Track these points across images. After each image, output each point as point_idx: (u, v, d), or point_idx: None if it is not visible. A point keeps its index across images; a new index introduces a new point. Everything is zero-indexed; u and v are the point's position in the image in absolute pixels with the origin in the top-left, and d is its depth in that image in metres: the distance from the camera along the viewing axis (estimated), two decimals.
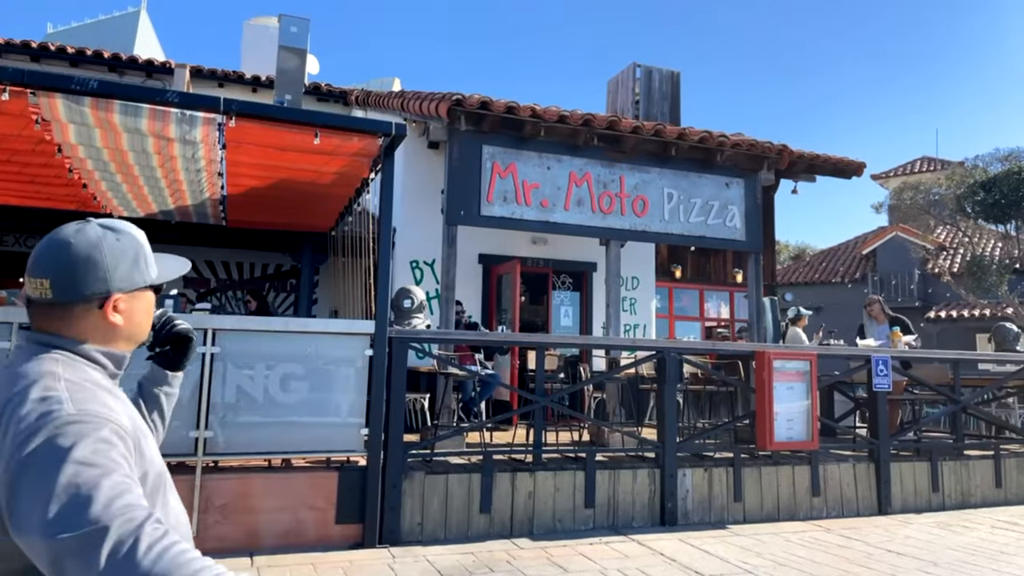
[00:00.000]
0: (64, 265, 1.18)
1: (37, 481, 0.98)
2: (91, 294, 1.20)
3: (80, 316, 1.20)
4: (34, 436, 1.02)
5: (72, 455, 1.00)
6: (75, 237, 1.21)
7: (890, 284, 21.37)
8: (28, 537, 0.97)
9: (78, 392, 1.10)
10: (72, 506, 0.95)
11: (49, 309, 1.19)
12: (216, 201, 6.98)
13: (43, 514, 0.95)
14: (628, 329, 10.46)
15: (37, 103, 4.64)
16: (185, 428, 4.96)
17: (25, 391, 1.09)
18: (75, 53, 10.93)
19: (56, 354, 1.17)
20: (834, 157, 10.47)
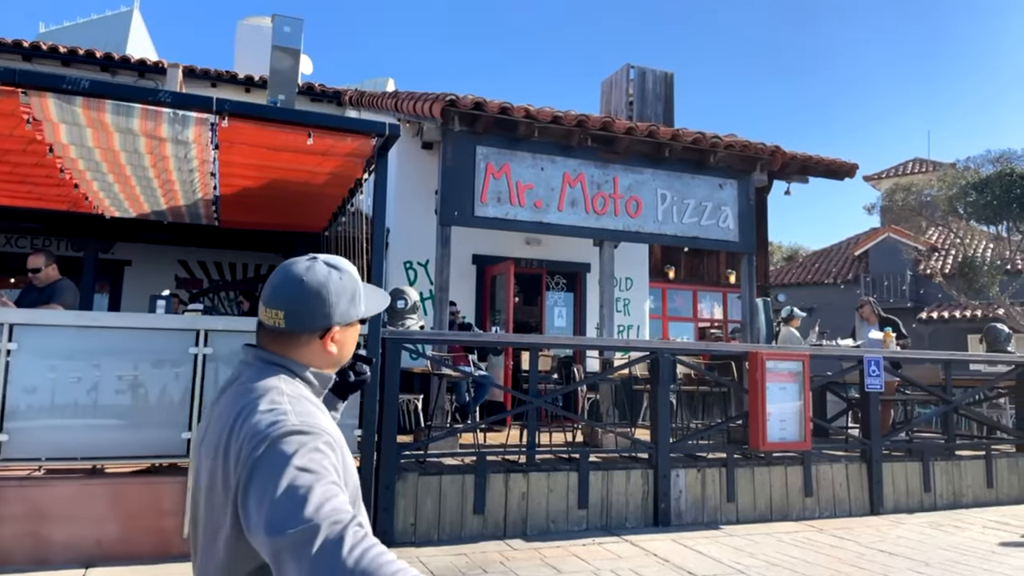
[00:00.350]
0: (296, 300, 1.34)
1: (263, 483, 1.12)
2: (316, 327, 1.36)
3: (304, 343, 1.37)
4: (263, 442, 1.16)
5: (294, 462, 1.13)
6: (306, 275, 1.36)
7: (882, 285, 21.46)
8: (255, 533, 1.10)
9: (299, 406, 1.26)
10: (290, 507, 1.07)
11: (278, 335, 1.37)
12: (209, 201, 6.95)
13: (267, 513, 1.08)
14: (622, 330, 10.47)
15: (28, 103, 4.61)
16: (177, 429, 4.94)
17: (256, 402, 1.25)
18: (67, 53, 10.87)
19: (281, 373, 1.34)
20: (826, 158, 10.51)
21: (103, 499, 4.79)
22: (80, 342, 4.88)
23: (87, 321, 5.00)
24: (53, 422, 4.75)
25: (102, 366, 4.87)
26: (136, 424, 4.91)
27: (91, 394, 4.83)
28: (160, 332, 5.06)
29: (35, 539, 4.62)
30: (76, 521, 4.71)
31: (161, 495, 4.90)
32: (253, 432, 1.18)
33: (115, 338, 4.97)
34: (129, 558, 4.72)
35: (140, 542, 4.80)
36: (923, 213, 17.76)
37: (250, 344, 1.41)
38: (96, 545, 4.72)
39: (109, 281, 10.03)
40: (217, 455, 1.24)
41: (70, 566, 4.57)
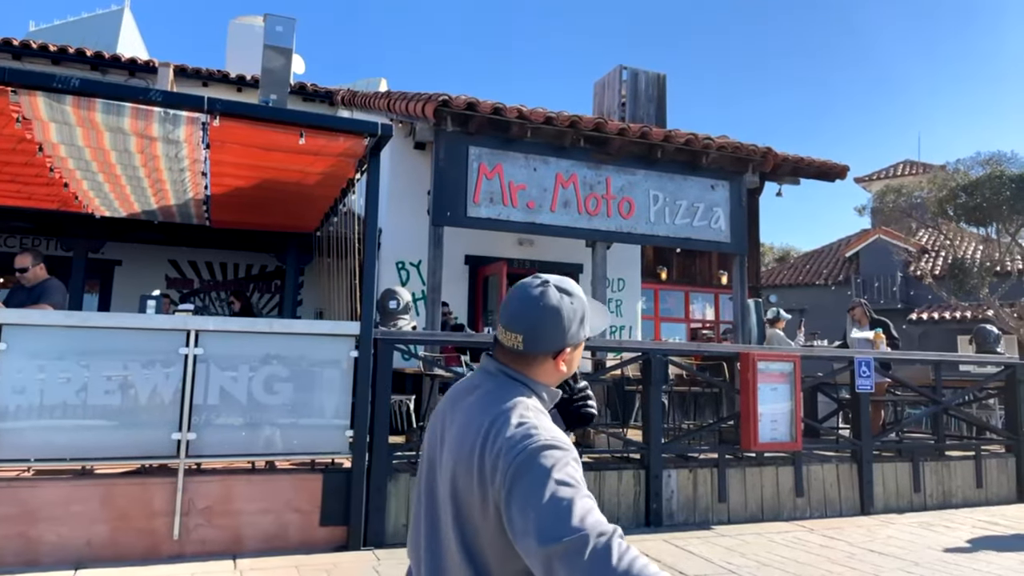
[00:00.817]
0: (534, 326, 1.44)
1: (527, 493, 1.20)
2: (551, 349, 1.45)
3: (538, 363, 1.46)
4: (521, 454, 1.25)
5: (553, 475, 1.22)
6: (542, 301, 1.45)
7: (873, 286, 21.57)
8: (524, 541, 1.19)
9: (543, 421, 1.35)
10: (557, 517, 1.16)
11: (516, 354, 1.46)
12: (200, 201, 6.93)
13: (535, 522, 1.17)
14: (614, 331, 10.49)
15: (18, 101, 4.58)
16: (167, 430, 4.91)
17: (507, 415, 1.35)
18: (57, 51, 10.81)
19: (522, 388, 1.44)
20: (818, 160, 10.55)
21: (93, 500, 4.76)
22: (70, 342, 4.85)
23: (77, 321, 4.97)
24: (42, 423, 4.72)
25: (92, 366, 4.84)
26: (126, 425, 4.88)
27: (81, 394, 4.80)
28: (150, 332, 5.04)
29: (24, 540, 4.59)
30: (66, 522, 4.68)
31: (151, 496, 4.87)
32: (510, 445, 1.27)
33: (105, 338, 4.94)
34: (119, 559, 4.70)
35: (130, 543, 4.77)
36: (913, 215, 17.86)
37: (490, 355, 1.52)
38: (86, 546, 4.69)
39: (99, 281, 9.97)
40: (464, 457, 1.33)
41: (60, 567, 4.54)
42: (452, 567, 1.34)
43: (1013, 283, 16.00)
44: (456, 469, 1.35)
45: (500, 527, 1.26)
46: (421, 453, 1.57)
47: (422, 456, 1.55)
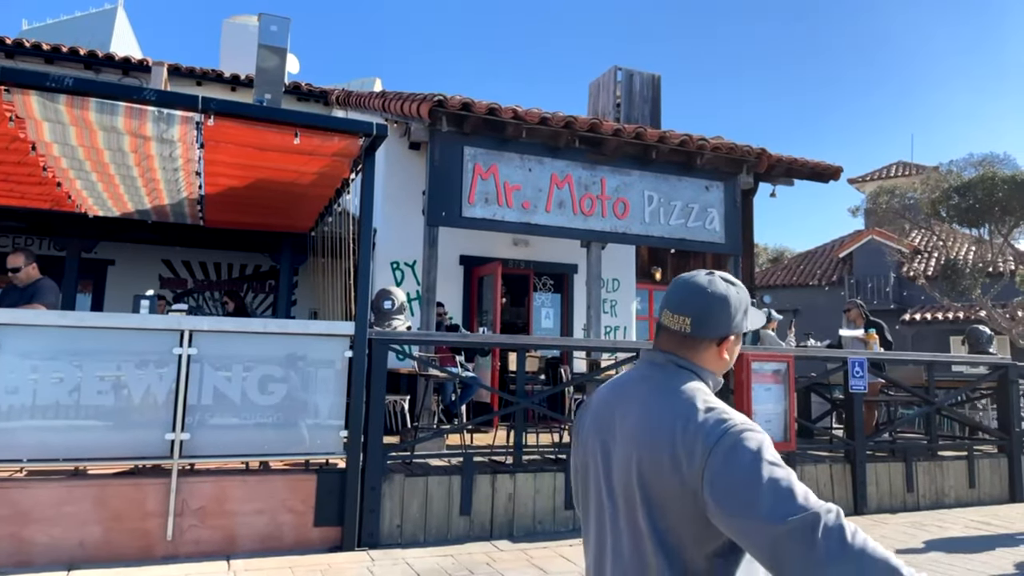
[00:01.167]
0: (704, 308, 1.46)
1: (743, 478, 1.22)
2: (717, 335, 1.48)
3: (704, 349, 1.48)
4: (723, 438, 1.27)
5: (763, 456, 1.24)
6: (710, 287, 1.48)
7: (866, 287, 21.64)
8: (743, 523, 1.20)
9: (725, 406, 1.36)
10: (783, 498, 1.18)
11: (682, 339, 1.48)
12: (194, 201, 6.90)
13: (760, 504, 1.18)
14: (608, 331, 10.49)
15: (11, 100, 4.56)
16: (160, 430, 4.90)
17: (692, 401, 1.37)
18: (50, 50, 10.75)
19: (694, 375, 1.46)
20: (812, 161, 10.57)
21: (86, 500, 4.74)
22: (63, 342, 4.83)
23: (70, 321, 4.95)
24: (35, 423, 4.70)
25: (85, 366, 4.82)
26: (120, 425, 4.86)
27: (74, 395, 4.78)
28: (144, 332, 5.02)
29: (17, 541, 4.57)
30: (59, 523, 4.66)
31: (145, 496, 4.85)
32: (707, 429, 1.29)
33: (98, 338, 4.92)
34: (112, 560, 4.68)
35: (124, 543, 4.76)
36: (906, 216, 17.93)
37: (651, 348, 1.54)
38: (79, 546, 4.67)
39: (92, 281, 9.93)
40: (652, 446, 1.35)
41: (53, 568, 4.52)
42: (643, 554, 1.36)
43: (1005, 284, 16.08)
44: (641, 458, 1.36)
45: (695, 511, 1.28)
46: (575, 452, 1.61)
47: (578, 455, 1.58)
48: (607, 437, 1.47)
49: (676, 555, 1.32)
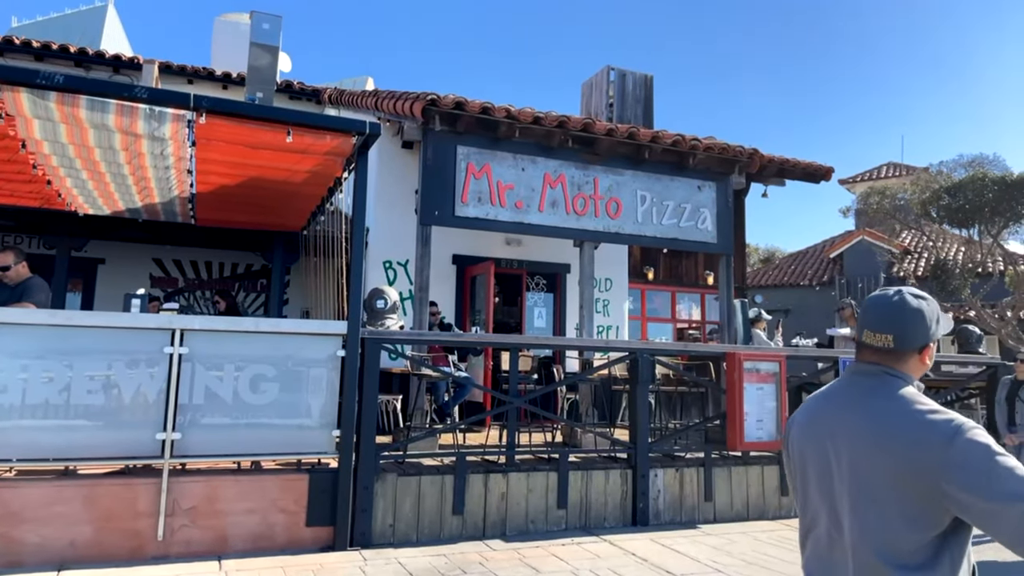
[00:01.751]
0: (902, 327, 1.68)
1: (986, 467, 1.42)
2: (919, 346, 1.69)
3: (907, 359, 1.69)
4: (956, 435, 1.47)
5: (993, 449, 1.44)
6: (906, 306, 1.69)
7: (857, 287, 21.73)
8: (993, 504, 1.40)
9: (942, 406, 1.56)
10: (1021, 481, 1.40)
11: (887, 353, 1.69)
12: (185, 199, 6.87)
13: (1006, 488, 1.39)
14: (601, 330, 10.51)
15: (1, 97, 4.52)
16: (151, 430, 4.87)
17: (914, 403, 1.59)
18: (41, 47, 10.67)
19: (904, 383, 1.66)
20: (803, 162, 10.62)
21: (76, 500, 4.71)
22: (53, 341, 4.79)
23: (60, 320, 4.91)
24: (25, 422, 4.67)
25: (75, 366, 4.79)
26: (110, 425, 4.83)
27: (64, 394, 4.75)
28: (135, 332, 4.99)
29: (6, 541, 4.54)
30: (49, 523, 4.63)
31: (136, 496, 4.82)
32: (939, 427, 1.50)
33: (89, 337, 4.89)
34: (103, 560, 4.65)
35: (115, 543, 4.73)
36: (897, 216, 17.99)
37: (858, 362, 1.75)
38: (70, 547, 4.64)
39: (82, 279, 9.87)
40: (883, 445, 1.55)
41: (43, 568, 4.49)
42: (872, 538, 1.55)
43: (995, 284, 16.16)
44: (871, 454, 1.57)
45: (923, 499, 1.48)
46: (790, 454, 1.82)
47: (796, 456, 1.79)
48: (829, 439, 1.68)
49: (901, 538, 1.51)
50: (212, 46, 13.90)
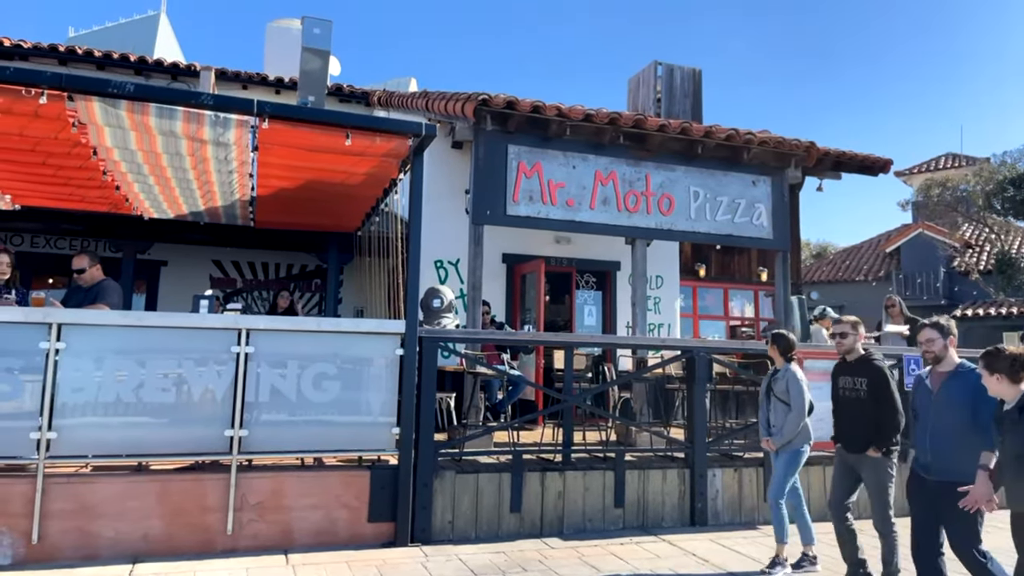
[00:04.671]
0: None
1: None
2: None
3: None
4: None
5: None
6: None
7: (915, 282, 21.09)
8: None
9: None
10: None
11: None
12: (246, 202, 7.04)
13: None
14: (652, 328, 10.41)
15: (74, 106, 4.70)
16: (220, 427, 5.01)
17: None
18: (102, 56, 11.02)
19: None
20: (860, 154, 10.37)
21: (149, 495, 4.87)
22: (125, 341, 4.97)
23: (132, 321, 5.09)
24: (99, 420, 4.85)
25: (147, 365, 4.96)
26: (180, 422, 4.98)
27: (136, 392, 4.92)
28: (203, 331, 5.14)
29: (83, 535, 4.71)
30: (123, 517, 4.80)
31: (205, 491, 4.97)
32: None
33: (159, 337, 5.05)
34: (175, 553, 4.81)
35: (185, 537, 4.88)
36: (958, 209, 17.41)
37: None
38: (143, 540, 4.80)
39: (146, 281, 10.20)
40: None
41: (117, 561, 4.66)
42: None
43: None
44: None
45: None
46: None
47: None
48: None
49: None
50: (265, 52, 14.20)
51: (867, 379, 4.63)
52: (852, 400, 4.72)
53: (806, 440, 5.16)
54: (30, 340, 4.73)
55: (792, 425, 5.06)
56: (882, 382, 4.58)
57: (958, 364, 4.04)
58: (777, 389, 5.21)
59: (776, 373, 5.31)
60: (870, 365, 4.67)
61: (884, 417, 4.52)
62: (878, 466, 4.57)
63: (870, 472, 4.61)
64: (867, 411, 4.59)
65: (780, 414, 5.13)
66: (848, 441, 4.73)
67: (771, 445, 5.21)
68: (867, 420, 4.58)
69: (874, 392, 4.58)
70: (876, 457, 4.55)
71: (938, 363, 4.08)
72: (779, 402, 5.16)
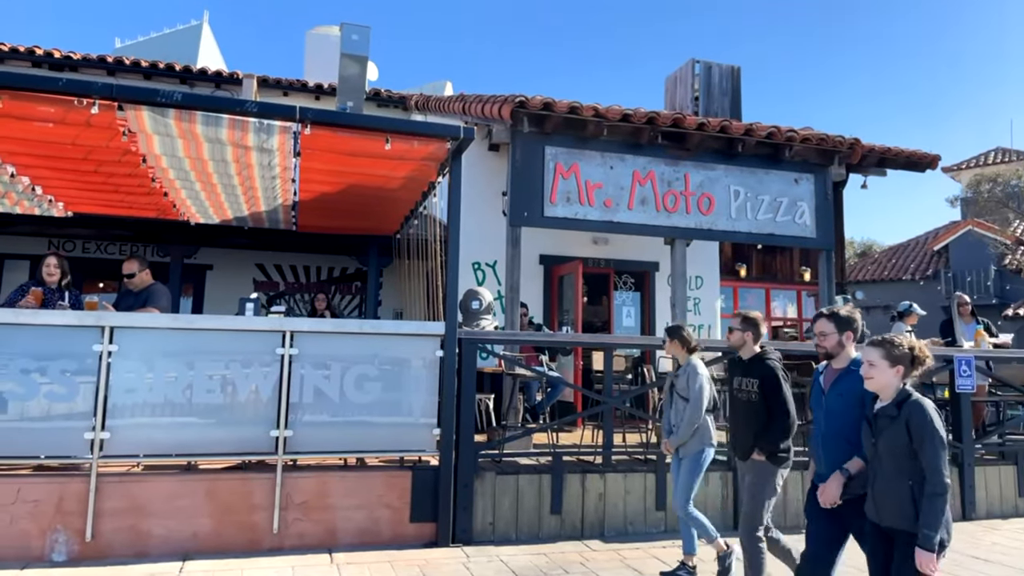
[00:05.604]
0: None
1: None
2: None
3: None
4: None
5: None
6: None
7: (964, 281, 20.49)
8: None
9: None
10: None
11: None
12: (288, 207, 7.17)
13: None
14: (692, 329, 10.29)
15: (124, 116, 4.83)
16: (266, 427, 5.10)
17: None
18: (149, 66, 11.34)
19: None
20: (907, 150, 10.11)
21: (198, 494, 4.98)
22: (175, 343, 5.09)
23: (182, 324, 5.22)
24: (150, 420, 4.97)
25: (195, 366, 5.08)
26: (227, 422, 5.09)
27: (185, 393, 5.04)
28: (249, 334, 5.25)
29: (135, 533, 4.84)
30: (173, 515, 4.92)
31: (252, 490, 5.07)
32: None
33: (208, 339, 5.17)
34: (223, 551, 4.91)
35: (233, 536, 4.98)
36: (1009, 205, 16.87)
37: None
38: (192, 538, 4.91)
39: (193, 284, 10.46)
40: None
41: (168, 558, 4.77)
42: None
43: None
44: None
45: None
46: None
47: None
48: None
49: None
50: (305, 58, 14.44)
51: (758, 380, 4.22)
52: (744, 402, 4.32)
53: (708, 442, 4.67)
54: (84, 343, 4.88)
55: (688, 422, 4.60)
56: (773, 382, 4.16)
57: (851, 360, 3.52)
58: (679, 386, 4.79)
59: (678, 370, 4.90)
60: (762, 365, 4.26)
61: (772, 419, 4.10)
62: (759, 472, 4.13)
63: (750, 477, 4.20)
64: (759, 414, 4.17)
65: (682, 413, 4.70)
66: (739, 447, 4.31)
67: (668, 447, 4.79)
68: (758, 424, 4.16)
69: (764, 393, 4.17)
70: (760, 462, 4.11)
71: (831, 359, 3.58)
72: (681, 400, 4.73)
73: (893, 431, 2.89)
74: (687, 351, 4.88)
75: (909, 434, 2.84)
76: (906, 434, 2.84)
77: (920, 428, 2.81)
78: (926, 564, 2.76)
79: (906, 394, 2.93)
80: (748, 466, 4.22)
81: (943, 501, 2.77)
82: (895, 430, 2.89)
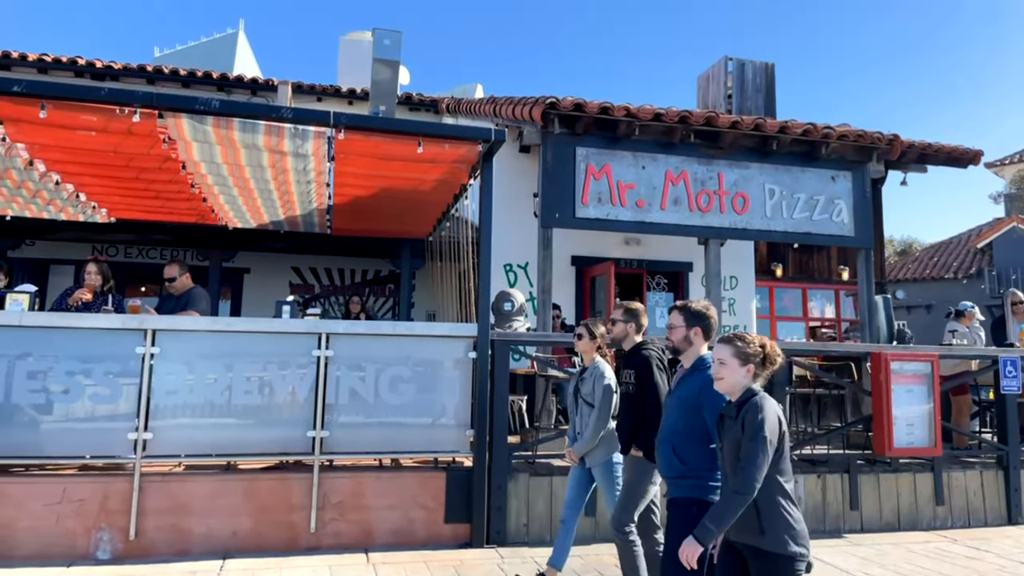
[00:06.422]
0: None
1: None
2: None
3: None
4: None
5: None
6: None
7: (1009, 279, 19.89)
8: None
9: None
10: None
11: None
12: (323, 211, 7.26)
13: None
14: (726, 329, 10.18)
15: (164, 123, 4.95)
16: (303, 428, 5.18)
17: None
18: (187, 75, 11.60)
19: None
20: (948, 146, 9.87)
21: (237, 494, 5.08)
22: (215, 346, 5.19)
23: (221, 326, 5.32)
24: (191, 421, 5.08)
25: (234, 368, 5.17)
26: (265, 423, 5.18)
27: (225, 394, 5.14)
28: (286, 336, 5.33)
29: (176, 531, 4.95)
30: (213, 514, 5.01)
31: (290, 490, 5.14)
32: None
33: (246, 342, 5.26)
34: (262, 550, 4.99)
35: (271, 535, 5.06)
36: None
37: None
38: (232, 537, 5.01)
39: (231, 287, 10.66)
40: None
41: (208, 557, 4.87)
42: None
43: None
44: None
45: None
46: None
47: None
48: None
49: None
50: (339, 64, 14.62)
51: (634, 371, 3.97)
52: (623, 395, 4.09)
53: (616, 448, 4.25)
54: (127, 345, 5.01)
55: (593, 429, 4.21)
56: (645, 371, 3.90)
57: (698, 358, 3.32)
58: (584, 390, 4.39)
59: (583, 372, 4.49)
60: (637, 355, 4.00)
61: (647, 412, 3.85)
62: (635, 468, 3.91)
63: (627, 474, 3.99)
64: (636, 407, 3.95)
65: (587, 419, 4.30)
66: (621, 441, 4.10)
67: (572, 457, 4.41)
68: (635, 417, 3.94)
69: (639, 384, 3.93)
70: (638, 458, 3.88)
71: (678, 355, 3.38)
72: (586, 405, 4.34)
73: (732, 433, 2.68)
74: (597, 351, 4.49)
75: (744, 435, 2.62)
76: (742, 435, 2.62)
77: (749, 425, 2.59)
78: (689, 554, 2.56)
79: (750, 394, 2.72)
80: (628, 461, 4.03)
81: (741, 502, 2.54)
82: (734, 431, 2.66)
